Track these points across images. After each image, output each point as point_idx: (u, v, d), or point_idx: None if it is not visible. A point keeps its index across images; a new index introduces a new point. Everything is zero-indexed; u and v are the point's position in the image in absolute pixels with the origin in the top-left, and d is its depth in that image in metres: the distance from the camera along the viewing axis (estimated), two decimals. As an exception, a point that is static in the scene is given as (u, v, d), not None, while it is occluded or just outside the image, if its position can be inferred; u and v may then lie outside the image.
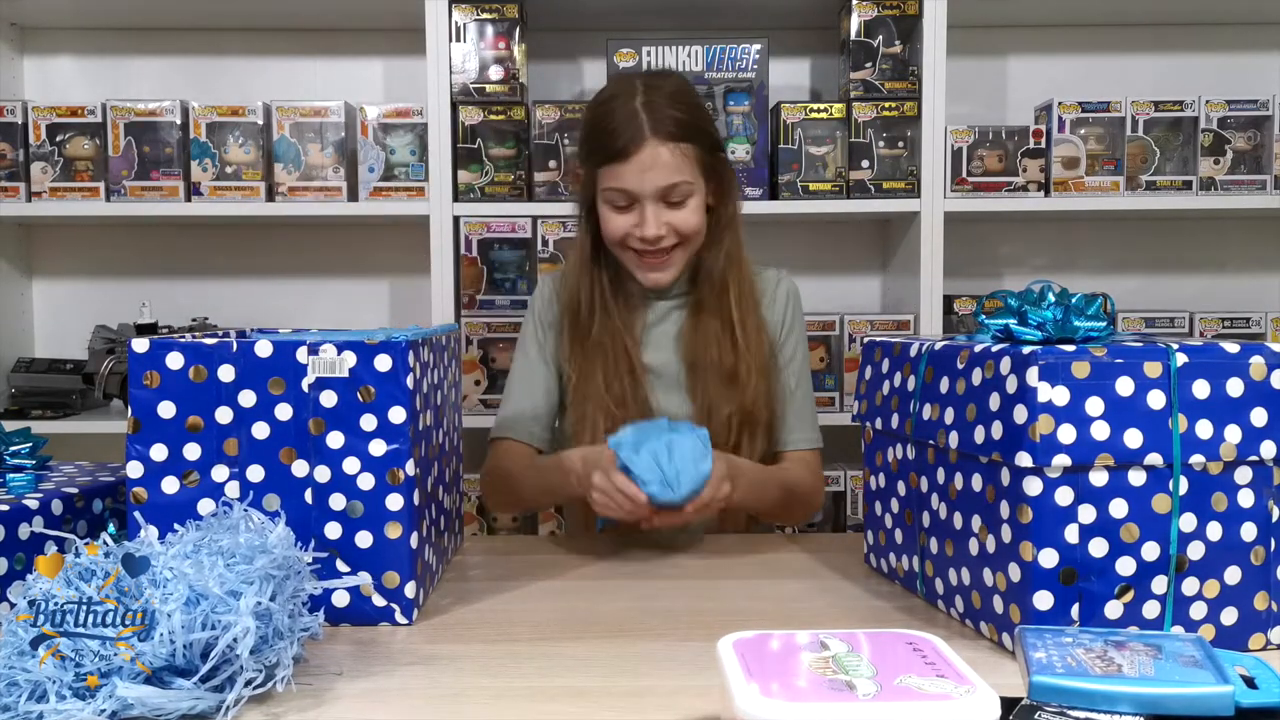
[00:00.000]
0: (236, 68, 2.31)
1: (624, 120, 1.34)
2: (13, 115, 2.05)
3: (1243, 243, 2.35)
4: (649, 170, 1.33)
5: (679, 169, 1.34)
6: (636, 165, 1.33)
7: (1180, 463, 0.84)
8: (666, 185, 1.34)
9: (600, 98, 1.43)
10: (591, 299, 1.43)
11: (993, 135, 2.04)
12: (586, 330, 1.42)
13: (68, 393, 2.14)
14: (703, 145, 1.37)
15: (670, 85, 1.38)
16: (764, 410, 1.42)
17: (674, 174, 1.34)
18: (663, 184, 1.34)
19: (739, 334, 1.40)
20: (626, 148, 1.33)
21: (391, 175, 2.05)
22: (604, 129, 1.35)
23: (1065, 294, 0.92)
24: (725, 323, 1.41)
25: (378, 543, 0.96)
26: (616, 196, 1.36)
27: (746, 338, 1.40)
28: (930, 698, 0.58)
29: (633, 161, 1.33)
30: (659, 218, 1.35)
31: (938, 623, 0.98)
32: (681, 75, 1.49)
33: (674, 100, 1.36)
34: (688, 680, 0.83)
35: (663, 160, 1.33)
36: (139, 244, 2.32)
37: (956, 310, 2.10)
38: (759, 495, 1.37)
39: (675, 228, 1.36)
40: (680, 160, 1.34)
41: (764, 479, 1.39)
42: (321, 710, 0.77)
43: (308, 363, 0.95)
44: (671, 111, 1.34)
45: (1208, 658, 0.72)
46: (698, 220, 1.38)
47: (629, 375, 1.40)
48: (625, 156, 1.33)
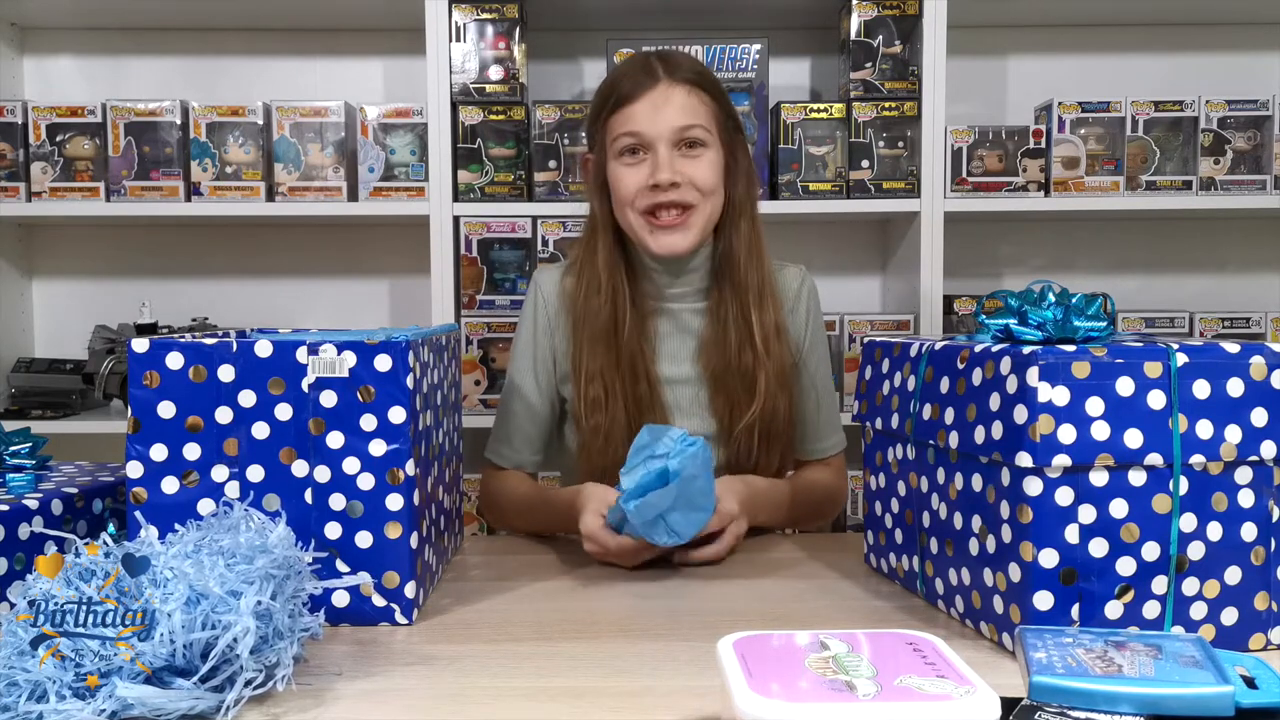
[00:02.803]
0: (236, 68, 2.31)
1: (637, 68, 1.31)
2: (13, 115, 2.05)
3: (1243, 243, 2.35)
4: (662, 108, 1.28)
5: (694, 112, 1.29)
6: (649, 103, 1.28)
7: (1180, 463, 0.84)
8: (681, 125, 1.28)
9: (613, 71, 1.44)
10: (601, 306, 1.35)
11: (993, 135, 2.04)
12: (598, 338, 1.35)
13: (68, 393, 2.14)
14: (721, 105, 1.34)
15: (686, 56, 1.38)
16: (783, 420, 1.37)
17: (689, 115, 1.29)
18: (677, 124, 1.28)
19: (758, 343, 1.34)
20: (637, 89, 1.29)
21: (391, 175, 2.05)
22: (615, 80, 1.33)
23: (1065, 294, 0.92)
24: (745, 330, 1.35)
25: (378, 543, 0.96)
26: (627, 142, 1.30)
27: (766, 346, 1.35)
28: (930, 698, 0.58)
29: (644, 99, 1.28)
30: (673, 164, 1.29)
31: (938, 623, 0.98)
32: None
33: (691, 61, 1.35)
34: (688, 680, 0.83)
35: (676, 100, 1.28)
36: (139, 244, 2.32)
37: (956, 310, 2.10)
38: (777, 515, 1.35)
39: (691, 179, 1.29)
40: (696, 104, 1.29)
41: (781, 499, 1.36)
42: (321, 710, 0.77)
43: (308, 363, 0.95)
44: (687, 62, 1.33)
45: (1208, 658, 0.72)
46: (715, 177, 1.31)
47: (646, 385, 1.35)
48: (636, 96, 1.29)
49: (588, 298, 1.36)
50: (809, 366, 1.44)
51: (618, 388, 1.34)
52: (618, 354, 1.35)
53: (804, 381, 1.44)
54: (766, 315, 1.36)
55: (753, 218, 1.38)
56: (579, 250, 1.41)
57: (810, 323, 1.45)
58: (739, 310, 1.36)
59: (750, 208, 1.38)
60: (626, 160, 1.32)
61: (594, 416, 1.35)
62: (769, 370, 1.35)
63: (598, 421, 1.35)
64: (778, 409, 1.36)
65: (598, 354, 1.35)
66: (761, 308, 1.36)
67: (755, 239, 1.37)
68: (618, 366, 1.35)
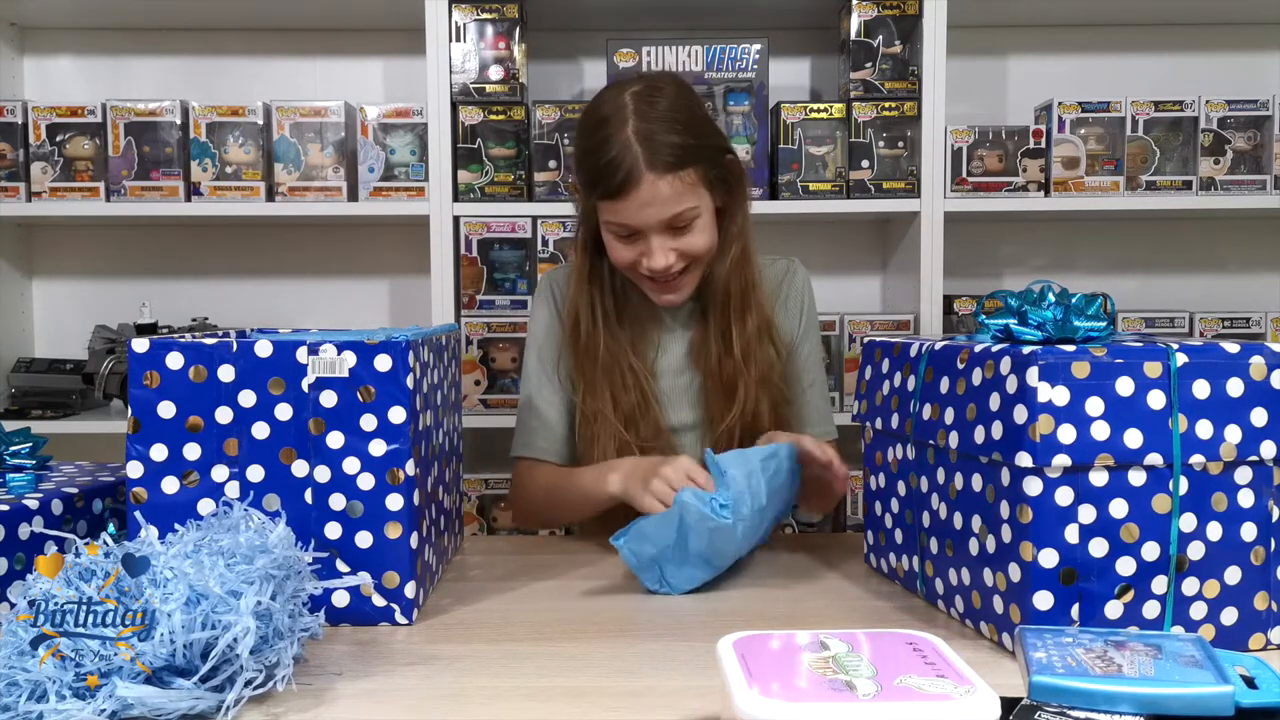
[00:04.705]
0: (236, 68, 2.31)
1: (618, 154, 1.24)
2: (13, 115, 2.05)
3: (1243, 243, 2.35)
4: (649, 206, 1.25)
5: (680, 198, 1.26)
6: (635, 202, 1.25)
7: (1180, 463, 0.84)
8: (669, 217, 1.26)
9: (591, 119, 1.30)
10: (593, 317, 1.36)
11: (993, 135, 2.04)
12: (591, 349, 1.36)
13: (68, 393, 2.14)
14: (706, 161, 1.29)
15: (665, 101, 1.27)
16: (766, 420, 1.37)
17: (676, 204, 1.26)
18: (665, 217, 1.26)
19: (737, 354, 1.35)
20: (623, 185, 1.24)
21: (391, 175, 2.05)
22: (597, 162, 1.26)
23: (1065, 294, 0.92)
24: (725, 342, 1.36)
25: (378, 543, 0.96)
26: (619, 229, 1.29)
27: (746, 356, 1.35)
28: (930, 698, 0.58)
29: (631, 199, 1.25)
30: (665, 247, 1.28)
31: (938, 623, 0.98)
32: (677, 79, 1.35)
33: (669, 121, 1.25)
34: (688, 680, 0.83)
35: (662, 194, 1.25)
36: (139, 244, 2.31)
37: (956, 310, 2.10)
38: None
39: (683, 253, 1.29)
40: (681, 189, 1.26)
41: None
42: (321, 710, 0.77)
43: (308, 363, 0.95)
44: (668, 138, 1.24)
45: (1208, 658, 0.72)
46: (707, 240, 1.31)
47: (638, 393, 1.36)
48: (622, 194, 1.25)
49: (577, 309, 1.38)
50: (800, 354, 1.45)
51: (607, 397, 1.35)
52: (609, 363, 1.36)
53: (795, 369, 1.45)
54: (749, 322, 1.36)
55: (744, 232, 1.37)
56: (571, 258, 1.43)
57: (804, 313, 1.46)
58: (720, 321, 1.37)
59: (744, 232, 1.37)
60: (619, 236, 1.30)
61: (589, 425, 1.37)
62: (749, 378, 1.35)
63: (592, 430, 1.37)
64: (760, 412, 1.37)
65: (591, 361, 1.36)
66: (744, 316, 1.36)
67: (743, 251, 1.37)
68: (610, 375, 1.36)
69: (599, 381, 1.36)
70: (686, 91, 1.33)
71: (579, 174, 1.33)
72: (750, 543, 1.14)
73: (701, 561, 1.08)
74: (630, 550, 1.07)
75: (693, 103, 1.32)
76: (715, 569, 1.11)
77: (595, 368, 1.36)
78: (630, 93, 1.28)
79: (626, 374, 1.36)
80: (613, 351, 1.36)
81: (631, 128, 1.25)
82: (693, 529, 1.05)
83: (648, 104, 1.27)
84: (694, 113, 1.30)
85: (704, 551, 1.07)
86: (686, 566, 1.08)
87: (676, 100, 1.29)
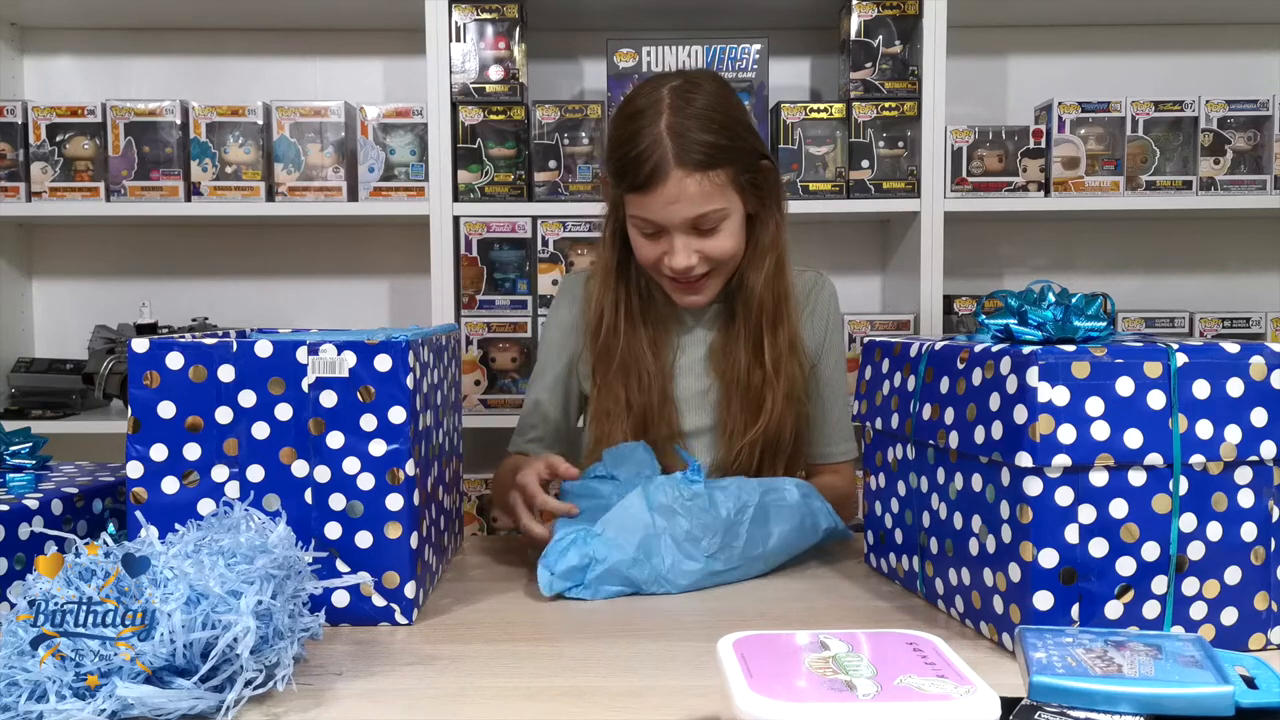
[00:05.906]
0: (236, 68, 2.31)
1: (648, 146, 1.22)
2: (13, 115, 2.05)
3: (1243, 243, 2.35)
4: (674, 203, 1.23)
5: (708, 198, 1.24)
6: (661, 198, 1.23)
7: (1180, 463, 0.84)
8: (694, 216, 1.25)
9: (626, 110, 1.29)
10: (616, 316, 1.35)
11: (993, 135, 2.04)
12: (611, 348, 1.35)
13: (68, 393, 2.14)
14: (738, 164, 1.26)
15: (702, 99, 1.25)
16: (789, 433, 1.36)
17: (702, 204, 1.24)
18: (690, 215, 1.24)
19: (768, 364, 1.32)
20: (650, 179, 1.22)
21: (391, 175, 2.05)
22: (628, 153, 1.24)
23: (1065, 294, 0.92)
24: (755, 351, 1.33)
25: (378, 543, 0.96)
26: (643, 225, 1.28)
27: (777, 367, 1.33)
28: (930, 698, 0.58)
29: (657, 194, 1.23)
30: (688, 247, 1.26)
31: (938, 623, 0.98)
32: (719, 79, 1.33)
33: (704, 119, 1.24)
34: (688, 680, 0.83)
35: (689, 192, 1.23)
36: (139, 244, 2.32)
37: (956, 310, 2.10)
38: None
39: (707, 255, 1.28)
40: (710, 188, 1.24)
41: None
42: (321, 710, 0.77)
43: (308, 363, 0.95)
44: (700, 136, 1.22)
45: (1208, 658, 0.72)
46: (733, 244, 1.29)
47: (657, 395, 1.35)
48: (649, 188, 1.23)
49: (601, 306, 1.37)
50: (823, 371, 1.43)
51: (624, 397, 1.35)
52: (629, 363, 1.35)
53: (816, 384, 1.43)
54: (781, 334, 1.34)
55: (779, 240, 1.34)
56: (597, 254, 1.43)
57: (829, 328, 1.44)
58: (752, 329, 1.34)
59: (778, 242, 1.34)
60: (644, 231, 1.29)
61: (603, 424, 1.36)
62: (777, 391, 1.33)
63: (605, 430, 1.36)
64: (784, 426, 1.35)
65: (610, 361, 1.36)
66: (776, 326, 1.34)
67: (778, 266, 1.34)
68: (628, 375, 1.35)
69: (615, 379, 1.35)
70: (726, 92, 1.31)
71: (609, 164, 1.31)
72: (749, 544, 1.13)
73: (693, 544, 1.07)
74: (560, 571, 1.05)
75: (731, 104, 1.30)
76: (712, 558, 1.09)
77: (614, 364, 1.35)
78: (669, 87, 1.27)
79: (644, 374, 1.35)
80: (633, 349, 1.35)
81: (665, 122, 1.23)
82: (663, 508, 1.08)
83: (684, 100, 1.25)
84: (731, 114, 1.28)
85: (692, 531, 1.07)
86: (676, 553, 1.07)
87: (714, 99, 1.27)
